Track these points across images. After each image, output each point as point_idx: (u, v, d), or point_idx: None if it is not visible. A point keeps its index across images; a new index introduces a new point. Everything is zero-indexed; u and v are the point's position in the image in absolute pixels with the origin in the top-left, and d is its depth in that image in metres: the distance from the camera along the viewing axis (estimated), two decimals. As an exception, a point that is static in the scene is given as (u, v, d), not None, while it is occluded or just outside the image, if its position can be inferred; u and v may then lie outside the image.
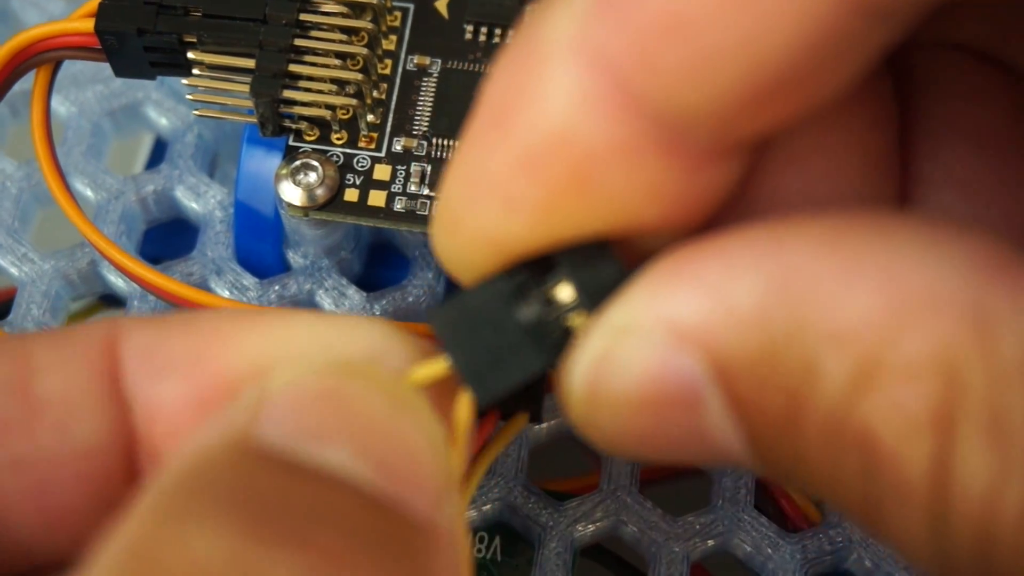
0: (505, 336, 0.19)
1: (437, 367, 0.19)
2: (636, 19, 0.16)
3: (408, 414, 0.18)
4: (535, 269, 0.19)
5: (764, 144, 0.19)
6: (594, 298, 0.19)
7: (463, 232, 0.19)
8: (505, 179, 0.18)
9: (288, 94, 0.26)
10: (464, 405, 0.19)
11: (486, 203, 0.18)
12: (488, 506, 0.27)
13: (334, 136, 0.27)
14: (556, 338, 0.19)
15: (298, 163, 0.27)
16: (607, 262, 0.19)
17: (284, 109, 0.26)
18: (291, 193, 0.26)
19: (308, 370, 0.18)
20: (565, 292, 0.19)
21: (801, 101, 0.17)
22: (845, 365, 0.16)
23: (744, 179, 0.19)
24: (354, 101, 0.27)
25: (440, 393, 0.19)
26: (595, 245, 0.18)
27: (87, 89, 0.31)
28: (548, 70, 0.17)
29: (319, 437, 0.17)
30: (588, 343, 0.18)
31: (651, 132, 0.17)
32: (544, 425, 0.28)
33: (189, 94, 0.27)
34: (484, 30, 0.28)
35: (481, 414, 0.20)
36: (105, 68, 0.28)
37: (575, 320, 0.19)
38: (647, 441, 0.18)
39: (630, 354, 0.17)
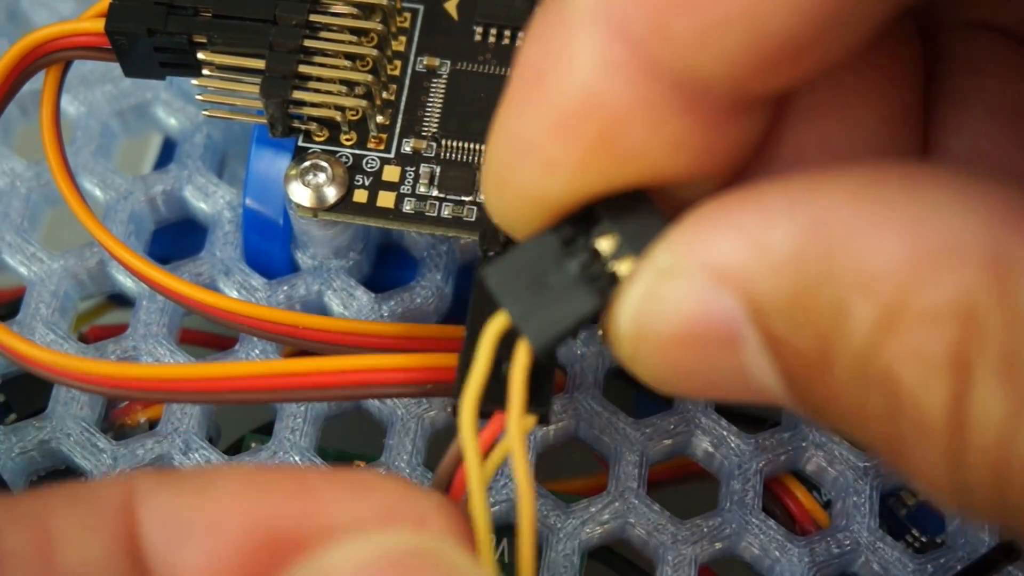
0: (555, 286, 0.20)
1: (498, 321, 0.20)
2: None
3: None
4: (579, 222, 0.20)
5: (785, 97, 0.20)
6: (637, 245, 0.20)
7: (509, 192, 0.20)
8: (541, 142, 0.19)
9: (298, 95, 0.26)
10: (522, 351, 0.20)
11: (527, 165, 0.19)
12: (496, 507, 0.27)
13: (343, 137, 0.27)
14: (603, 284, 0.20)
15: (307, 164, 0.27)
16: (646, 211, 0.20)
17: (293, 110, 0.26)
18: (300, 194, 0.26)
19: (371, 549, 0.18)
20: (609, 242, 0.20)
21: (812, 63, 0.18)
22: (872, 310, 0.17)
23: (768, 129, 0.20)
24: (363, 102, 0.27)
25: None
26: (633, 196, 0.20)
27: (96, 89, 0.31)
28: (573, 38, 0.18)
29: None
30: (633, 284, 0.19)
31: (670, 93, 0.18)
32: (552, 427, 0.28)
33: (198, 94, 0.27)
34: (494, 31, 0.28)
35: (541, 360, 0.21)
36: (114, 68, 0.28)
37: (620, 266, 0.20)
38: (690, 377, 0.19)
39: (673, 294, 0.18)
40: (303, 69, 0.26)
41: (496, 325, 0.20)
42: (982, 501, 0.17)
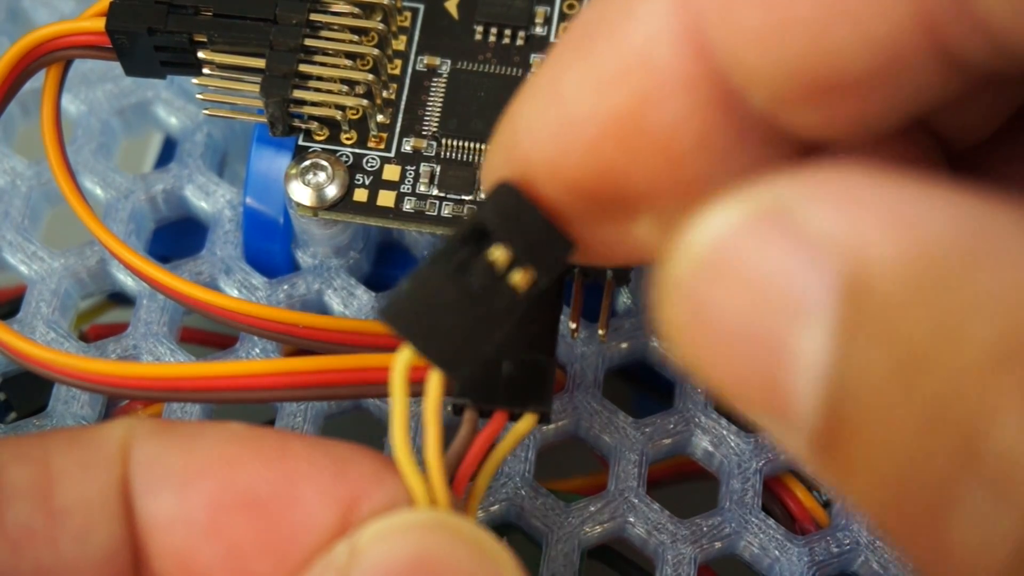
0: (458, 312, 0.20)
1: (405, 357, 0.20)
2: None
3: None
4: (469, 242, 0.20)
5: (809, 151, 0.19)
6: (532, 254, 0.19)
7: (517, 148, 0.19)
8: (572, 95, 0.19)
9: (298, 94, 0.26)
10: (434, 383, 0.20)
11: (547, 117, 0.19)
12: (495, 506, 0.27)
13: (344, 136, 0.27)
14: (505, 301, 0.20)
15: (308, 163, 0.27)
16: (530, 215, 0.20)
17: (294, 109, 0.26)
18: (300, 193, 0.26)
19: (396, 527, 0.19)
20: (501, 253, 0.20)
21: (851, 113, 0.18)
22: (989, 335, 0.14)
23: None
24: (364, 101, 0.27)
25: None
26: (514, 204, 0.19)
27: (97, 88, 0.31)
28: (636, 2, 0.18)
29: None
30: (743, 200, 0.16)
31: (712, 83, 0.18)
32: (551, 426, 0.28)
33: (199, 93, 0.27)
34: (494, 31, 0.28)
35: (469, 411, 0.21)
36: (115, 67, 0.28)
37: (517, 277, 0.20)
38: (712, 331, 0.16)
39: (774, 236, 0.16)
40: (303, 68, 0.26)
41: (403, 362, 0.20)
42: None
